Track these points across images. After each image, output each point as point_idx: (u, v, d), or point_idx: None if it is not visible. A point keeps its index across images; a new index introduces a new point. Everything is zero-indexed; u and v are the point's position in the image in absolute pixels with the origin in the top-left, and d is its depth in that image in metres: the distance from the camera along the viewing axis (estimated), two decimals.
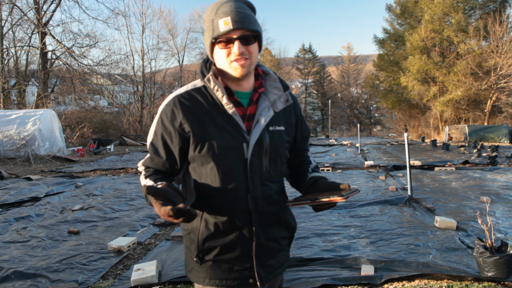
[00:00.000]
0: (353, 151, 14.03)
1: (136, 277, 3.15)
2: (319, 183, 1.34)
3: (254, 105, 1.31)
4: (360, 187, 7.25)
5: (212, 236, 1.26)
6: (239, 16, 1.19)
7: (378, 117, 45.59)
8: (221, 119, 1.25)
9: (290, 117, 1.39)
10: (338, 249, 3.80)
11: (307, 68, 46.72)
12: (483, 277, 3.05)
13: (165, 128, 1.27)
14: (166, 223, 5.02)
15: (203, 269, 1.29)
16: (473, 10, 23.78)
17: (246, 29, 1.19)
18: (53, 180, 8.60)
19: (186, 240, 1.34)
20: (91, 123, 18.92)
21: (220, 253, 1.26)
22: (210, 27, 1.23)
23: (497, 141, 17.57)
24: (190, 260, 1.33)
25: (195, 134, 1.23)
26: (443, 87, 23.22)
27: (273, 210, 1.31)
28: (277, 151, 1.32)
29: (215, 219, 1.26)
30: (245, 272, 1.28)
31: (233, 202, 1.25)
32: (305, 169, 1.46)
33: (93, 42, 22.14)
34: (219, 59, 1.25)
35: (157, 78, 29.53)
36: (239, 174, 1.25)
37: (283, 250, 1.39)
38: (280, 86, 1.36)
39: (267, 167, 1.29)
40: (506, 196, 6.19)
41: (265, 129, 1.28)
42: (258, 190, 1.27)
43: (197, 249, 1.27)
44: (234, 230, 1.26)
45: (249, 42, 1.22)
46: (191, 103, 1.26)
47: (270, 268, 1.33)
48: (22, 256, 3.87)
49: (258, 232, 1.27)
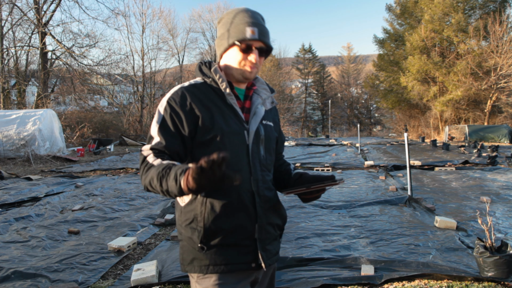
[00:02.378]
0: (353, 151, 14.03)
1: (136, 277, 3.15)
2: (305, 177, 1.48)
3: (249, 100, 1.46)
4: (360, 187, 7.25)
5: (218, 218, 1.30)
6: (264, 30, 1.36)
7: (378, 117, 45.61)
8: (225, 109, 1.37)
9: (275, 117, 1.58)
10: (338, 249, 3.80)
11: (307, 68, 46.75)
12: (483, 277, 3.06)
13: (176, 112, 1.31)
14: (166, 223, 5.02)
15: (206, 255, 1.31)
16: (473, 10, 23.79)
17: (266, 43, 1.36)
18: (53, 180, 8.60)
19: (186, 231, 1.34)
20: (91, 123, 18.91)
21: (226, 236, 1.31)
22: (231, 29, 1.36)
23: (497, 141, 17.57)
24: (190, 251, 1.34)
25: (204, 119, 1.31)
26: (443, 87, 23.23)
27: (270, 196, 1.42)
28: (270, 142, 1.47)
29: (221, 201, 1.30)
30: (248, 256, 1.34)
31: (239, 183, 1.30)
32: (287, 169, 1.60)
33: (93, 42, 22.13)
34: (232, 59, 1.38)
35: (157, 78, 29.49)
36: (243, 158, 1.35)
37: (277, 239, 1.48)
38: (268, 89, 1.53)
39: (264, 155, 1.43)
40: (506, 196, 6.19)
41: (260, 122, 1.43)
42: (258, 174, 1.38)
43: (203, 234, 1.30)
44: (239, 211, 1.32)
45: (262, 54, 1.38)
46: (197, 93, 1.36)
47: (269, 253, 1.40)
48: (22, 256, 3.87)
49: (260, 213, 1.36)
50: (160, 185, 1.18)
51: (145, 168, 1.26)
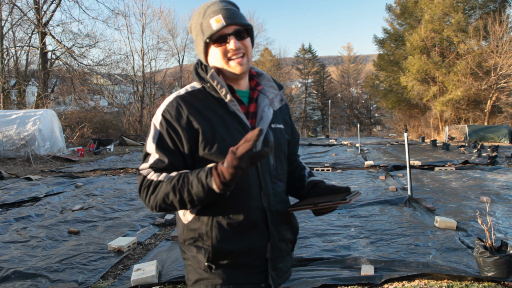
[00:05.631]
0: (353, 151, 14.03)
1: (136, 277, 3.15)
2: (319, 187, 1.34)
3: (254, 103, 1.31)
4: (360, 187, 7.25)
5: (227, 239, 1.19)
6: (229, 13, 1.20)
7: (378, 117, 45.58)
8: (227, 117, 1.23)
9: (286, 116, 1.42)
10: (338, 249, 3.80)
11: (307, 68, 46.70)
12: (483, 277, 3.06)
13: (172, 127, 1.19)
14: (166, 223, 5.02)
15: (213, 275, 1.22)
16: (473, 10, 23.78)
17: (239, 24, 1.20)
18: (53, 180, 8.60)
19: (190, 250, 1.25)
20: (91, 123, 18.90)
21: (235, 256, 1.21)
22: (200, 30, 1.24)
23: (497, 141, 17.56)
24: (195, 272, 1.25)
25: (204, 132, 1.18)
26: (443, 87, 23.22)
27: (283, 209, 1.29)
28: (280, 148, 1.32)
29: (229, 220, 1.20)
30: (258, 276, 1.25)
31: (247, 200, 1.21)
32: (301, 174, 1.46)
33: (93, 42, 22.13)
34: (216, 60, 1.24)
35: (157, 78, 29.48)
36: (251, 172, 1.21)
37: (289, 254, 1.37)
38: (275, 85, 1.38)
39: (274, 164, 1.29)
40: (506, 196, 6.19)
41: (269, 126, 1.28)
42: (269, 187, 1.25)
43: (210, 255, 1.20)
44: (250, 230, 1.21)
45: (243, 36, 1.23)
46: (195, 101, 1.23)
47: (280, 272, 1.30)
48: (22, 256, 3.86)
49: (273, 231, 1.25)
50: (180, 197, 1.10)
51: (151, 188, 1.16)
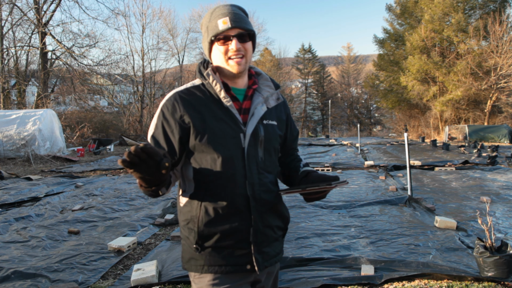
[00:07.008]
0: (353, 151, 14.03)
1: (136, 277, 3.15)
2: (311, 176, 1.44)
3: (248, 100, 1.43)
4: (360, 187, 7.25)
5: (212, 222, 1.32)
6: (236, 17, 1.33)
7: (378, 117, 45.58)
8: (219, 111, 1.35)
9: (281, 114, 1.52)
10: (338, 249, 3.80)
11: (307, 68, 46.70)
12: (483, 277, 3.06)
13: (166, 120, 1.34)
14: (166, 223, 5.02)
15: (202, 256, 1.34)
16: (473, 10, 23.78)
17: (243, 28, 1.33)
18: (53, 180, 8.60)
19: (185, 231, 1.39)
20: (91, 123, 18.90)
21: (220, 238, 1.33)
22: (208, 28, 1.37)
23: (497, 141, 17.56)
24: (188, 250, 1.38)
25: (195, 125, 1.32)
26: (443, 87, 23.22)
27: (269, 198, 1.39)
28: (270, 143, 1.43)
29: (215, 205, 1.32)
30: (243, 258, 1.35)
31: (232, 187, 1.32)
32: (296, 165, 1.57)
33: (93, 42, 22.10)
34: (217, 57, 1.37)
35: (157, 78, 29.46)
36: (237, 162, 1.33)
37: (278, 240, 1.47)
38: (272, 85, 1.49)
39: (262, 157, 1.40)
40: (506, 196, 6.19)
41: (260, 122, 1.40)
42: (255, 177, 1.36)
43: (197, 236, 1.33)
44: (233, 215, 1.33)
45: (245, 40, 1.35)
46: (191, 97, 1.36)
47: (266, 255, 1.39)
48: (22, 256, 3.87)
49: (256, 217, 1.35)
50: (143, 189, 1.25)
51: None
